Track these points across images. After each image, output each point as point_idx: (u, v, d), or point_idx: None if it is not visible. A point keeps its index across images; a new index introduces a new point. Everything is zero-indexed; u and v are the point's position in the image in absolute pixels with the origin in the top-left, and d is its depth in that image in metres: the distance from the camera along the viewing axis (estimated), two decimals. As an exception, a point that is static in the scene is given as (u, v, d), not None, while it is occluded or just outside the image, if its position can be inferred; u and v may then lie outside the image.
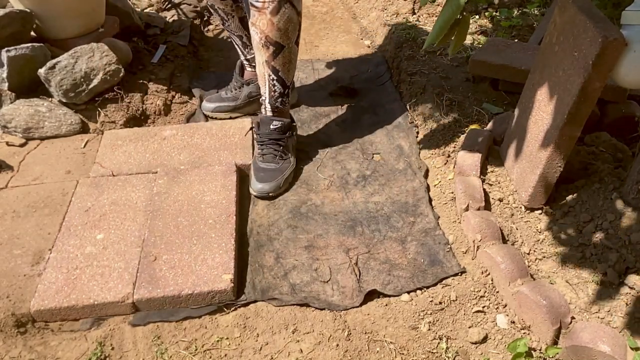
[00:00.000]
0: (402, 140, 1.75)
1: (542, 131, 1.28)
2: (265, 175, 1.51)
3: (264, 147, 1.56)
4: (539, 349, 1.11)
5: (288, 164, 1.57)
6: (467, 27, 1.14)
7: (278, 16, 1.37)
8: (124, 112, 1.79)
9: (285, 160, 1.56)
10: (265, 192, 1.49)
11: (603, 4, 1.76)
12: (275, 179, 1.51)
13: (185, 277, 1.22)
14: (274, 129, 1.55)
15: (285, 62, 1.47)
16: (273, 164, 1.54)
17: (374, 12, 2.62)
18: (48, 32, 1.85)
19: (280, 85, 1.51)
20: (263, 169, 1.53)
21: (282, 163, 1.55)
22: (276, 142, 1.56)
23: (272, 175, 1.51)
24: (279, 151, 1.55)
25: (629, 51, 1.06)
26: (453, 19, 1.09)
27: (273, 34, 1.40)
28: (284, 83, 1.51)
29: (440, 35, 1.12)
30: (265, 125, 1.56)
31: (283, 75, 1.49)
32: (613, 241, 1.19)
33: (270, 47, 1.43)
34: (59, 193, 1.48)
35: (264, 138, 1.56)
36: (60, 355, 1.12)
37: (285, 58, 1.46)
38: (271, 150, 1.55)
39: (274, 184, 1.50)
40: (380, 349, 1.14)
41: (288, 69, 1.50)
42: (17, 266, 1.27)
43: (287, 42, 1.43)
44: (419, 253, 1.34)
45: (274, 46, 1.42)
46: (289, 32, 1.42)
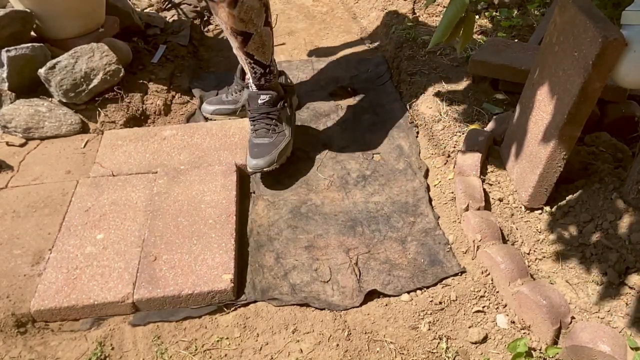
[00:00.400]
0: (402, 140, 1.75)
1: (542, 131, 1.28)
2: (259, 151, 1.49)
3: (255, 122, 1.54)
4: (539, 349, 1.11)
5: (282, 136, 1.54)
6: (473, 24, 1.15)
7: (237, 8, 1.32)
8: (124, 112, 1.79)
9: (279, 133, 1.54)
10: (260, 167, 1.47)
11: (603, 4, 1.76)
12: (269, 153, 1.49)
13: (185, 277, 1.22)
14: (263, 103, 1.54)
15: (258, 46, 1.44)
16: (267, 139, 1.52)
17: (374, 12, 2.62)
18: (48, 32, 1.85)
19: (259, 66, 1.49)
20: (257, 145, 1.51)
21: (275, 136, 1.53)
22: (267, 115, 1.54)
23: (265, 150, 1.49)
24: (271, 124, 1.53)
25: (629, 51, 1.06)
26: (458, 18, 1.09)
27: (237, 25, 1.36)
28: (261, 64, 1.49)
29: (446, 34, 1.12)
30: (254, 100, 1.54)
31: (259, 57, 1.47)
32: (613, 241, 1.19)
33: (238, 37, 1.39)
34: (59, 193, 1.48)
35: (255, 113, 1.54)
36: (60, 355, 1.12)
37: (256, 43, 1.43)
38: (263, 124, 1.53)
39: (268, 158, 1.48)
40: (380, 349, 1.14)
41: (262, 51, 1.46)
42: (17, 266, 1.27)
43: (253, 29, 1.38)
44: (419, 253, 1.34)
45: (241, 35, 1.39)
46: (254, 19, 1.36)
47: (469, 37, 1.16)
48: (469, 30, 1.15)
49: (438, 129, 1.70)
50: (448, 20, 1.10)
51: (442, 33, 1.13)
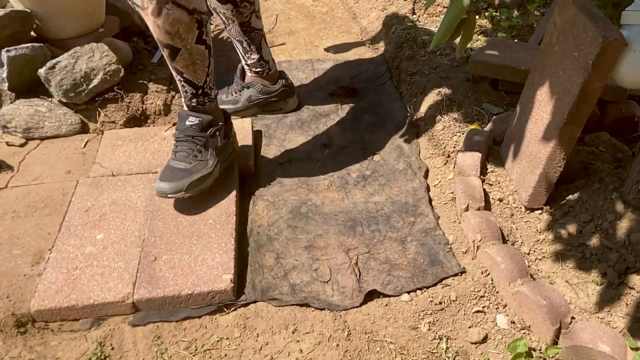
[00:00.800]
0: (402, 140, 1.75)
1: (542, 131, 1.28)
2: (170, 174, 1.36)
3: (178, 144, 1.41)
4: (539, 349, 1.11)
5: (203, 166, 1.39)
6: (474, 26, 1.15)
7: (162, 18, 1.19)
8: (124, 112, 1.79)
9: (200, 161, 1.39)
10: (164, 192, 1.34)
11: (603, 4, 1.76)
12: (181, 179, 1.34)
13: (185, 277, 1.22)
14: (190, 125, 1.39)
15: (187, 64, 1.30)
16: (184, 164, 1.37)
17: (374, 12, 2.62)
18: (48, 32, 1.85)
19: (189, 86, 1.35)
20: (171, 167, 1.38)
21: (195, 164, 1.38)
22: (192, 139, 1.39)
23: (177, 175, 1.35)
24: (193, 150, 1.38)
25: (629, 51, 1.05)
26: (459, 19, 1.09)
27: (162, 37, 1.23)
28: (193, 84, 1.34)
29: (447, 35, 1.12)
30: (182, 121, 1.40)
31: (189, 76, 1.32)
32: (613, 241, 1.19)
33: (165, 50, 1.27)
34: (59, 193, 1.48)
35: (180, 134, 1.41)
36: (60, 355, 1.12)
37: (185, 60, 1.29)
38: (185, 147, 1.39)
39: (176, 185, 1.34)
40: (380, 349, 1.14)
41: (193, 70, 1.32)
42: (17, 266, 1.27)
43: (182, 44, 1.25)
44: (419, 253, 1.34)
45: (168, 49, 1.26)
46: (181, 33, 1.23)
47: (469, 39, 1.16)
48: (469, 32, 1.15)
49: (438, 129, 1.70)
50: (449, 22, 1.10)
51: (443, 34, 1.13)
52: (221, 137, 1.44)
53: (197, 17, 1.24)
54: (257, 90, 1.82)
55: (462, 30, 1.14)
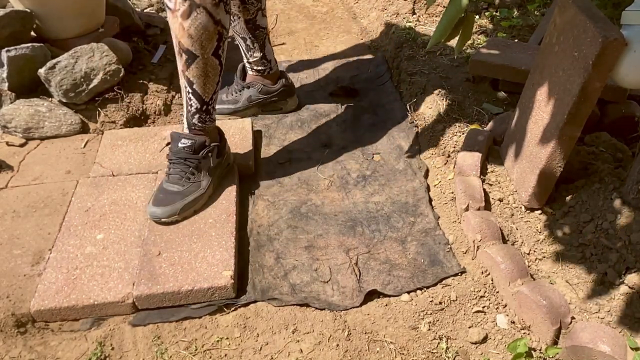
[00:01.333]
0: (402, 140, 1.75)
1: (542, 131, 1.28)
2: (163, 197, 1.36)
3: (171, 166, 1.41)
4: (539, 349, 1.11)
5: (196, 187, 1.39)
6: (472, 25, 1.15)
7: (189, 21, 1.23)
8: (124, 112, 1.79)
9: (192, 183, 1.39)
10: (157, 216, 1.34)
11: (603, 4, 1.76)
12: (173, 202, 1.35)
13: (185, 273, 1.22)
14: (183, 147, 1.39)
15: (200, 74, 1.32)
16: (177, 186, 1.38)
17: (374, 12, 2.62)
18: (48, 32, 1.85)
19: (196, 100, 1.36)
20: (164, 190, 1.38)
21: (188, 186, 1.38)
22: (184, 162, 1.39)
23: (170, 199, 1.36)
24: (186, 172, 1.39)
25: (629, 51, 1.05)
26: (457, 18, 1.09)
27: (184, 40, 1.26)
28: (200, 98, 1.36)
29: (444, 34, 1.12)
30: (175, 142, 1.40)
31: (198, 89, 1.34)
32: (613, 241, 1.19)
33: (183, 55, 1.29)
34: (59, 193, 1.48)
35: (172, 156, 1.41)
36: (60, 355, 1.12)
37: (200, 70, 1.31)
38: (177, 170, 1.39)
39: (169, 209, 1.34)
40: (380, 349, 1.14)
41: (204, 82, 1.33)
42: (17, 266, 1.27)
43: (200, 51, 1.28)
44: (419, 253, 1.34)
45: (186, 54, 1.28)
46: (203, 40, 1.26)
47: (467, 38, 1.16)
48: (467, 32, 1.15)
49: (438, 129, 1.70)
50: (447, 21, 1.10)
51: (441, 34, 1.13)
52: (214, 157, 1.44)
53: (220, 29, 1.28)
54: (257, 90, 1.82)
55: (460, 30, 1.14)
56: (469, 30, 1.15)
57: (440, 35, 1.13)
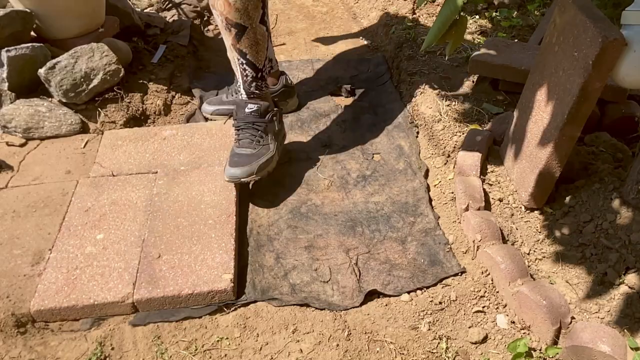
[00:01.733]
0: (402, 140, 1.75)
1: (542, 131, 1.28)
2: (239, 160, 1.43)
3: (240, 132, 1.49)
4: (539, 349, 1.11)
5: (266, 149, 1.48)
6: (465, 27, 1.15)
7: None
8: (124, 112, 1.79)
9: (262, 145, 1.48)
10: (236, 177, 1.41)
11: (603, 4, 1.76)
12: (249, 163, 1.43)
13: (185, 277, 1.22)
14: (250, 112, 1.48)
15: (252, 43, 1.38)
16: (249, 149, 1.46)
17: (374, 12, 2.62)
18: (48, 32, 1.85)
19: (251, 69, 1.43)
20: (238, 154, 1.45)
21: (259, 148, 1.46)
22: (252, 125, 1.48)
23: (246, 160, 1.43)
24: (255, 136, 1.47)
25: (629, 51, 1.05)
26: (451, 20, 1.09)
27: (232, 15, 1.32)
28: (254, 67, 1.43)
29: (438, 35, 1.12)
30: (241, 109, 1.49)
31: (252, 58, 1.41)
32: (613, 241, 1.19)
33: (232, 30, 1.35)
34: (59, 193, 1.48)
35: (240, 122, 1.49)
36: (60, 355, 1.12)
37: (251, 40, 1.38)
38: (247, 134, 1.48)
39: (247, 169, 1.42)
40: (380, 349, 1.14)
41: (256, 50, 1.41)
42: (17, 266, 1.27)
43: (249, 22, 1.34)
44: (419, 253, 1.34)
45: (236, 28, 1.35)
46: (250, 11, 1.33)
47: (459, 40, 1.16)
48: (459, 33, 1.14)
49: (438, 129, 1.70)
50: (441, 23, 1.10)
51: (435, 35, 1.13)
52: (277, 121, 1.54)
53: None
54: None
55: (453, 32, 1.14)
56: (461, 33, 1.15)
57: (434, 37, 1.13)
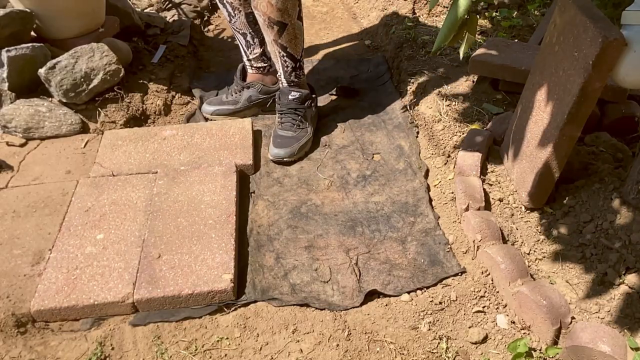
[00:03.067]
0: (402, 140, 1.75)
1: (542, 131, 1.28)
2: (282, 141, 1.63)
3: (282, 116, 1.68)
4: (539, 349, 1.11)
5: (305, 132, 1.68)
6: (476, 26, 1.15)
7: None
8: (124, 112, 1.79)
9: (302, 129, 1.67)
10: (281, 157, 1.61)
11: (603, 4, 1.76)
12: (291, 145, 1.63)
13: (185, 277, 1.22)
14: (293, 99, 1.66)
15: (291, 38, 1.57)
16: (290, 132, 1.65)
17: (374, 12, 2.62)
18: (48, 32, 1.85)
19: (290, 60, 1.62)
20: (280, 136, 1.65)
21: (298, 132, 1.66)
22: (294, 111, 1.67)
23: (288, 142, 1.63)
24: (296, 120, 1.66)
25: (629, 51, 1.05)
26: (460, 21, 1.09)
27: (274, 14, 1.49)
28: (293, 57, 1.62)
29: (448, 37, 1.12)
30: (285, 96, 1.67)
31: (291, 50, 1.59)
32: (613, 241, 1.19)
33: (274, 27, 1.52)
34: (59, 193, 1.48)
35: (283, 107, 1.67)
36: (60, 355, 1.12)
37: (290, 35, 1.56)
38: (289, 119, 1.67)
39: (289, 150, 1.62)
40: (380, 349, 1.14)
41: (295, 44, 1.59)
42: (17, 266, 1.27)
43: (289, 19, 1.52)
44: (419, 253, 1.34)
45: (277, 25, 1.51)
46: (289, 9, 1.50)
47: (471, 39, 1.16)
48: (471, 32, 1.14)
49: (438, 129, 1.70)
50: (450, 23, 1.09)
51: (445, 36, 1.12)
52: (314, 107, 1.75)
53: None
54: (257, 90, 1.82)
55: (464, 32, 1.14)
56: (473, 32, 1.14)
57: (444, 38, 1.13)
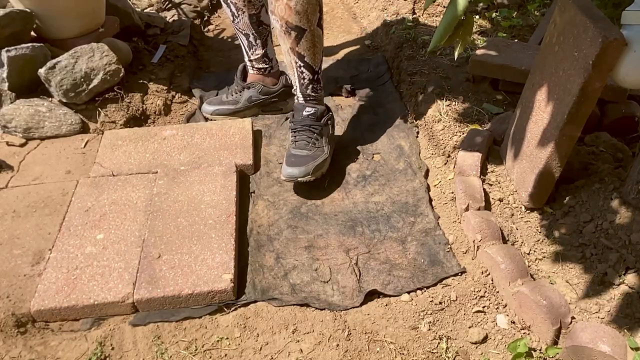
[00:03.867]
0: (402, 140, 1.75)
1: (542, 131, 1.28)
2: (295, 160, 1.48)
3: (296, 134, 1.54)
4: (539, 349, 1.11)
5: (321, 152, 1.53)
6: (472, 27, 1.14)
7: None
8: (124, 112, 1.79)
9: (318, 147, 1.53)
10: (294, 176, 1.45)
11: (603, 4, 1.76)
12: (306, 164, 1.47)
13: (185, 277, 1.22)
14: (307, 116, 1.54)
15: (310, 46, 1.45)
16: (305, 151, 1.51)
17: (374, 12, 2.62)
18: (48, 32, 1.85)
19: (308, 71, 1.49)
20: (294, 155, 1.50)
21: (314, 150, 1.51)
22: (309, 128, 1.53)
23: (302, 161, 1.48)
24: (312, 138, 1.52)
25: (629, 51, 1.05)
26: (457, 20, 1.09)
27: (292, 18, 1.37)
28: (311, 69, 1.49)
29: (444, 37, 1.12)
30: (299, 112, 1.55)
31: (309, 60, 1.47)
32: (613, 241, 1.19)
33: (292, 33, 1.41)
34: (59, 193, 1.48)
35: (297, 125, 1.54)
36: (60, 355, 1.12)
37: (309, 42, 1.44)
38: (304, 137, 1.53)
39: (304, 169, 1.46)
40: (380, 349, 1.14)
41: (313, 53, 1.47)
42: (17, 266, 1.27)
43: (308, 25, 1.40)
44: (419, 253, 1.34)
45: (295, 31, 1.40)
46: (309, 14, 1.38)
47: (467, 40, 1.15)
48: (467, 33, 1.14)
49: (438, 129, 1.70)
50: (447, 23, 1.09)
51: (441, 36, 1.12)
52: (332, 125, 1.61)
53: (320, 0, 1.41)
54: (257, 90, 1.82)
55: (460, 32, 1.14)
56: (469, 32, 1.14)
57: (440, 38, 1.13)
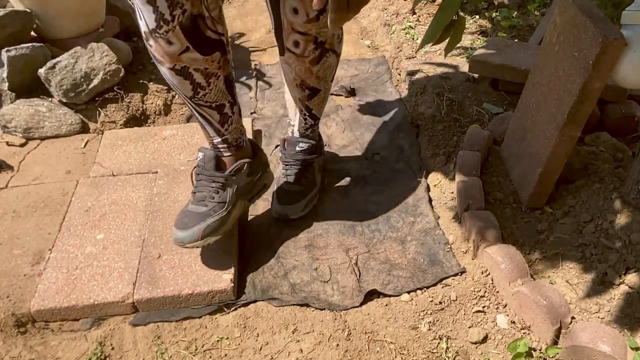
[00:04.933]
0: (402, 140, 1.75)
1: (542, 131, 1.28)
2: (288, 199, 1.44)
3: (288, 168, 1.48)
4: (539, 349, 1.11)
5: (313, 185, 1.49)
6: (463, 28, 1.14)
7: (318, 66, 1.26)
8: (124, 112, 1.79)
9: (310, 181, 1.49)
10: (286, 215, 1.43)
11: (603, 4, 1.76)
12: (298, 201, 1.44)
13: (185, 277, 1.22)
14: (300, 150, 1.47)
15: (320, 102, 1.40)
16: (297, 186, 1.46)
17: (374, 12, 2.62)
18: (48, 32, 1.85)
19: (311, 119, 1.45)
20: (286, 191, 1.45)
21: (307, 184, 1.47)
22: (301, 162, 1.48)
23: (294, 198, 1.44)
24: (304, 172, 1.48)
25: (629, 51, 1.05)
26: (448, 20, 1.09)
27: (311, 80, 1.30)
28: (315, 117, 1.45)
29: (435, 36, 1.12)
30: (292, 146, 1.48)
31: (316, 112, 1.43)
32: (613, 241, 1.19)
33: (305, 90, 1.34)
34: (59, 193, 1.48)
35: (289, 159, 1.48)
36: (60, 355, 1.12)
37: (321, 99, 1.39)
38: (295, 170, 1.48)
39: (296, 207, 1.43)
40: (380, 349, 1.14)
41: (321, 106, 1.42)
42: (17, 266, 1.27)
43: (324, 86, 1.35)
44: (419, 253, 1.34)
45: (310, 90, 1.34)
46: (327, 76, 1.33)
47: (456, 41, 1.15)
48: (457, 34, 1.13)
49: (438, 129, 1.70)
50: (438, 22, 1.09)
51: (432, 35, 1.12)
52: (322, 155, 1.55)
53: (339, 59, 1.34)
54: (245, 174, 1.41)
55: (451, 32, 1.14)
56: (459, 33, 1.14)
57: (431, 37, 1.12)
